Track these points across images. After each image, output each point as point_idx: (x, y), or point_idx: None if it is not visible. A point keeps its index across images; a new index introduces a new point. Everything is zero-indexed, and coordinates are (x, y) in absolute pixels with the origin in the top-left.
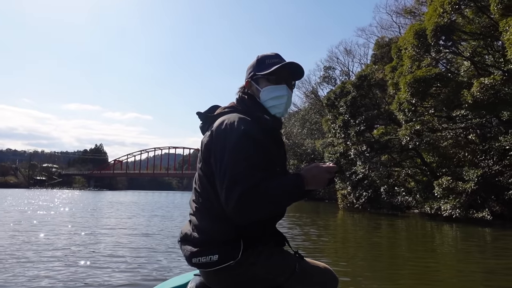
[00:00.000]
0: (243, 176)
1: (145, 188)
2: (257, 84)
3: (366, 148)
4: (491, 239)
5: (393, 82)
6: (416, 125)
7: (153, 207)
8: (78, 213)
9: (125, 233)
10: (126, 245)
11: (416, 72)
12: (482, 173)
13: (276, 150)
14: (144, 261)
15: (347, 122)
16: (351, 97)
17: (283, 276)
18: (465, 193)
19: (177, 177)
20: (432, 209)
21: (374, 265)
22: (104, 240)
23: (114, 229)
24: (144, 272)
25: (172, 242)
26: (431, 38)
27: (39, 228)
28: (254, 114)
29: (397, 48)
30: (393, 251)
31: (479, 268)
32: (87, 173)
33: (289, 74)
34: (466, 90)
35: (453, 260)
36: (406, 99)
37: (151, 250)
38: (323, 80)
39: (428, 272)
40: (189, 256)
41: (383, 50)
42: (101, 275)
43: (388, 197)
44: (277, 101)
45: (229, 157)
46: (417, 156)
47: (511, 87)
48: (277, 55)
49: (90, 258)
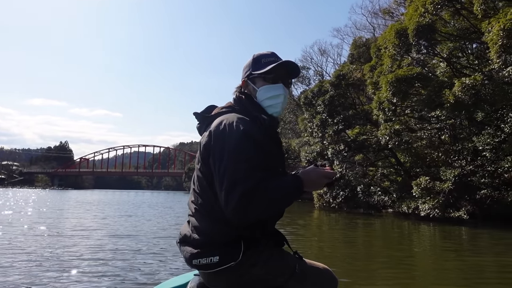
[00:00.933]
0: (243, 178)
1: (112, 187)
2: (254, 84)
3: (344, 148)
4: (468, 238)
5: (372, 81)
6: (395, 125)
7: (125, 206)
8: (45, 214)
9: (103, 234)
10: (107, 248)
11: (398, 71)
12: (458, 173)
13: (276, 150)
14: (128, 264)
15: (324, 121)
16: (329, 96)
17: (283, 276)
18: (442, 193)
19: (147, 176)
20: (410, 209)
21: (360, 265)
22: (81, 243)
23: (88, 231)
24: (131, 276)
25: (154, 244)
26: (413, 38)
27: (4, 230)
28: (251, 113)
29: (376, 48)
30: (375, 250)
31: (458, 265)
32: (51, 171)
33: (286, 72)
34: (448, 90)
35: (431, 258)
36: (387, 98)
37: (135, 253)
38: (297, 79)
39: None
40: (189, 258)
41: (360, 50)
42: (86, 282)
43: (364, 197)
44: (274, 101)
45: (229, 158)
46: (392, 156)
47: (490, 88)
48: (273, 54)
49: (70, 264)
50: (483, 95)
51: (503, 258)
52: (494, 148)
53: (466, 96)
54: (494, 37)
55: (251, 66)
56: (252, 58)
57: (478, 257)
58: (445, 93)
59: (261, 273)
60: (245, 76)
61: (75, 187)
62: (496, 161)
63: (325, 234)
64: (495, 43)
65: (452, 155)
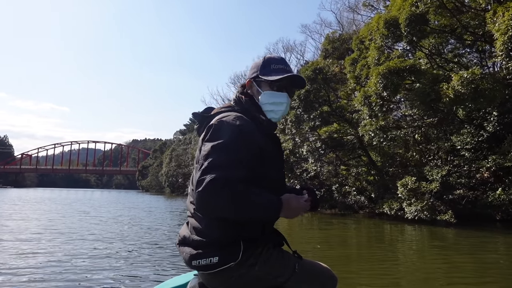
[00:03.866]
0: (224, 166)
1: (58, 185)
2: (259, 86)
3: (320, 145)
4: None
5: (354, 75)
6: (380, 121)
7: (77, 205)
8: None
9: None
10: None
11: (389, 63)
12: (446, 173)
13: (275, 150)
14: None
15: (299, 117)
16: (305, 91)
17: (283, 276)
18: (428, 194)
19: (96, 173)
20: (392, 210)
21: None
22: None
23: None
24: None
25: (124, 246)
26: (405, 28)
27: None
28: (251, 113)
29: (358, 40)
30: (365, 250)
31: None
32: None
33: (291, 83)
34: (445, 83)
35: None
36: (375, 92)
37: (104, 256)
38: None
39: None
40: (188, 259)
41: (335, 44)
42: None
43: (339, 197)
44: (276, 107)
45: (217, 146)
46: (364, 155)
47: (490, 82)
48: (283, 60)
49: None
50: (482, 90)
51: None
52: (474, 148)
53: (466, 90)
54: (503, 27)
55: (259, 69)
56: (262, 60)
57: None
58: (442, 87)
59: (260, 273)
60: (251, 76)
61: (15, 185)
62: (476, 160)
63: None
64: (503, 34)
65: (427, 154)
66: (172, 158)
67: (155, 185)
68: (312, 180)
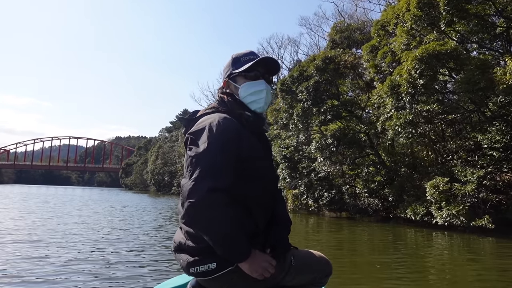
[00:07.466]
0: (209, 175)
1: (37, 182)
2: (235, 82)
3: (332, 142)
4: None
5: (374, 63)
6: (409, 115)
7: (59, 202)
8: None
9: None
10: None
11: (427, 46)
12: (484, 174)
13: (260, 148)
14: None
15: (307, 111)
16: (314, 82)
17: (280, 274)
18: (461, 197)
19: (78, 170)
20: (417, 215)
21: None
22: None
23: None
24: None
25: (124, 246)
26: (443, 7)
27: None
28: (235, 112)
29: (379, 26)
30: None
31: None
32: None
33: (266, 70)
34: (498, 68)
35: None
36: (407, 80)
37: (103, 256)
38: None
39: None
40: (186, 266)
41: (343, 34)
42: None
43: (351, 199)
44: (257, 96)
45: (204, 151)
46: (373, 154)
47: None
48: (252, 52)
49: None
50: None
51: None
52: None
53: None
54: None
55: (231, 66)
56: (231, 58)
57: None
58: (496, 72)
59: None
60: (226, 76)
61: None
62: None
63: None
64: None
65: (445, 154)
66: (158, 156)
67: (139, 183)
68: (321, 181)
